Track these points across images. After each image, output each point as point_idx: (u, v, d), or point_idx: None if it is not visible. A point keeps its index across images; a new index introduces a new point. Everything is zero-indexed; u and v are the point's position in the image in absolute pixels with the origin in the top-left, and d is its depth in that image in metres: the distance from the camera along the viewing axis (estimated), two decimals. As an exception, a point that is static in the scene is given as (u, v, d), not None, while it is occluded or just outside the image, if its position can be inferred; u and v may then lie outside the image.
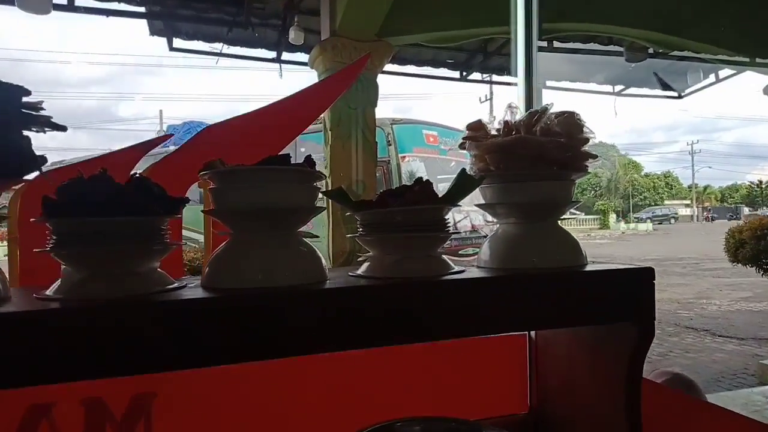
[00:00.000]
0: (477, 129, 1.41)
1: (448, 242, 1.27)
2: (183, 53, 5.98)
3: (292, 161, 1.13)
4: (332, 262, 3.65)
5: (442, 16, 4.09)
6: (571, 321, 1.16)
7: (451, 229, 1.21)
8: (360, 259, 1.28)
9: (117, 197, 1.00)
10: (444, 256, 1.21)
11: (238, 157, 1.28)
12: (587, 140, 1.26)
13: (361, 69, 1.75)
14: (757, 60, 5.16)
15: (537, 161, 1.24)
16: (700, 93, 7.02)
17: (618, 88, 7.65)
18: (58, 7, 3.70)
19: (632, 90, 7.71)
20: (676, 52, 5.28)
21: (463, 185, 1.18)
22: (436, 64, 6.95)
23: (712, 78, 6.94)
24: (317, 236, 1.15)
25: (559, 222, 1.31)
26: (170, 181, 1.42)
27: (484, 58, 6.61)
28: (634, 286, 1.18)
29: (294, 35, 5.00)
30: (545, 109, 1.32)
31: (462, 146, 1.38)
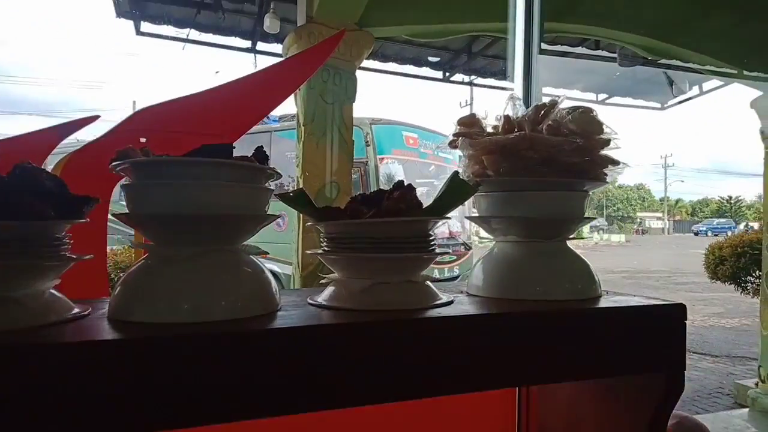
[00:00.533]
0: (470, 124, 1.16)
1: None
2: (151, 38, 5.60)
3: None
4: (300, 269, 3.37)
5: (427, 8, 3.85)
6: (588, 372, 0.92)
7: (436, 248, 0.96)
8: (323, 281, 1.02)
9: (-16, 194, 0.73)
10: (428, 282, 0.96)
11: (178, 148, 1.01)
12: (608, 142, 1.02)
13: (333, 48, 1.50)
14: (745, 72, 5.05)
15: (546, 166, 1.00)
16: (683, 105, 6.92)
17: (601, 96, 7.53)
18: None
19: (615, 99, 7.59)
20: (664, 61, 5.15)
21: (454, 193, 0.93)
22: (418, 63, 6.70)
23: (696, 90, 6.87)
24: (266, 252, 0.88)
25: (567, 242, 1.08)
26: (88, 176, 1.13)
27: (468, 58, 6.39)
28: (663, 327, 0.95)
29: (269, 23, 4.70)
30: (554, 103, 1.08)
31: (453, 144, 1.14)
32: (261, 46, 5.90)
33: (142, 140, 1.30)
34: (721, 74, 5.26)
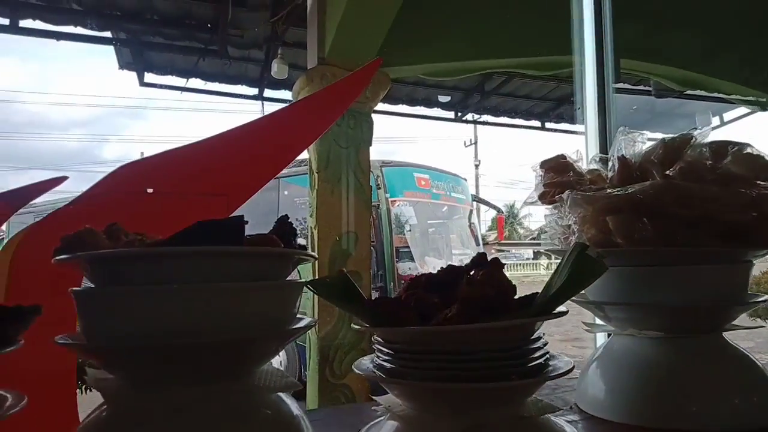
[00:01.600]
0: (562, 169, 0.85)
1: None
2: (155, 88, 5.43)
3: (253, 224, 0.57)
4: (317, 331, 3.02)
5: (443, 47, 3.63)
6: None
7: (550, 362, 0.64)
8: (375, 407, 0.70)
9: None
10: (547, 416, 0.63)
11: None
12: (781, 191, 0.71)
13: (370, 77, 1.23)
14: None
15: (695, 227, 0.69)
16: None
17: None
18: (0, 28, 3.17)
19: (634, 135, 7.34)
20: (689, 92, 4.90)
21: (580, 275, 0.62)
22: (429, 104, 6.51)
23: (717, 121, 6.62)
24: (299, 385, 0.57)
25: (724, 335, 0.75)
26: (48, 259, 0.82)
27: (481, 97, 6.19)
28: None
29: (277, 68, 4.50)
30: (689, 137, 0.78)
31: (547, 198, 0.83)
32: (269, 93, 5.73)
33: (149, 190, 1.01)
34: (750, 102, 5.01)
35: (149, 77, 5.25)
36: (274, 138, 1.06)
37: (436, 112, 6.79)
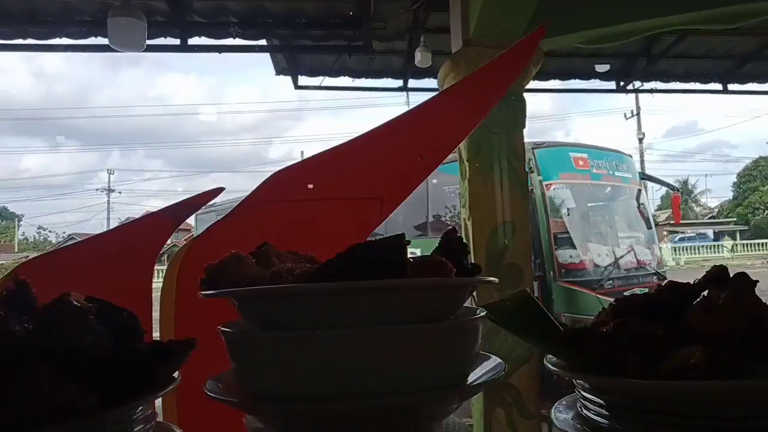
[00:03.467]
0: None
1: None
2: (308, 90, 5.68)
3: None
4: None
5: (604, 6, 3.23)
6: None
7: None
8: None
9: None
10: None
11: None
12: None
13: (533, 50, 1.04)
14: None
15: None
16: None
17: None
18: (173, 48, 3.50)
19: None
20: None
21: None
22: (585, 76, 5.96)
23: None
24: None
25: None
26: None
27: (648, 62, 5.50)
28: None
29: (421, 57, 4.41)
30: None
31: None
32: (413, 83, 5.69)
33: (300, 197, 0.96)
34: None
35: (302, 80, 5.51)
36: (426, 131, 0.94)
37: (594, 84, 6.21)
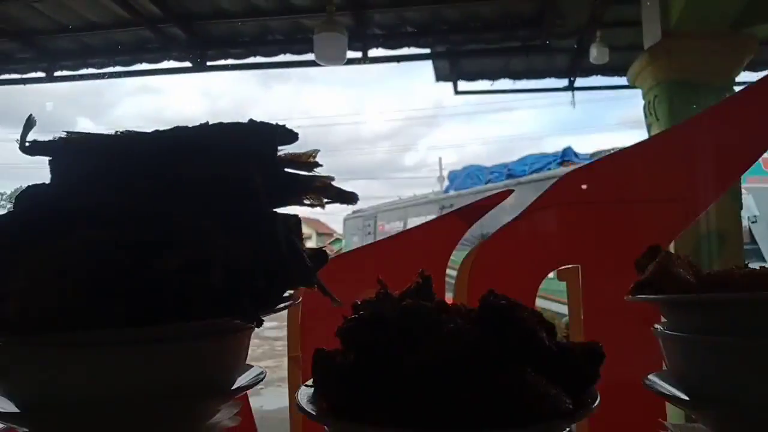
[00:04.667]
0: None
1: None
2: (468, 95, 5.67)
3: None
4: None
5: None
6: None
7: None
8: None
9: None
10: None
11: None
12: None
13: None
14: None
15: None
16: None
17: None
18: (356, 61, 3.68)
19: None
20: None
21: None
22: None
23: None
24: None
25: None
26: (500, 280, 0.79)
27: None
28: None
29: (597, 53, 4.17)
30: None
31: None
32: (579, 82, 5.41)
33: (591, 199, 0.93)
34: None
35: (462, 85, 5.51)
36: (742, 126, 0.85)
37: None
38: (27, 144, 0.59)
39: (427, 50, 4.36)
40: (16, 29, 3.52)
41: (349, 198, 0.61)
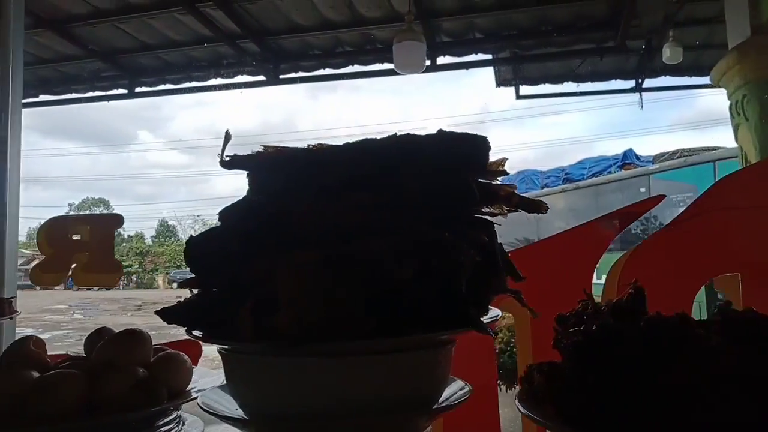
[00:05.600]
0: None
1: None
2: (529, 99, 5.60)
3: None
4: None
5: None
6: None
7: None
8: None
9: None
10: None
11: None
12: None
13: None
14: None
15: None
16: None
17: None
18: (425, 69, 3.70)
19: None
20: None
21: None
22: None
23: None
24: None
25: None
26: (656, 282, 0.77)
27: None
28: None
29: (670, 53, 4.04)
30: None
31: None
32: (648, 83, 5.25)
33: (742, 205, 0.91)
34: None
35: (524, 89, 5.45)
36: None
37: None
38: (226, 158, 0.62)
39: (489, 56, 4.35)
40: (104, 50, 3.73)
41: (536, 206, 0.61)
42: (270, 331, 0.44)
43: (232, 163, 0.63)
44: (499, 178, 0.62)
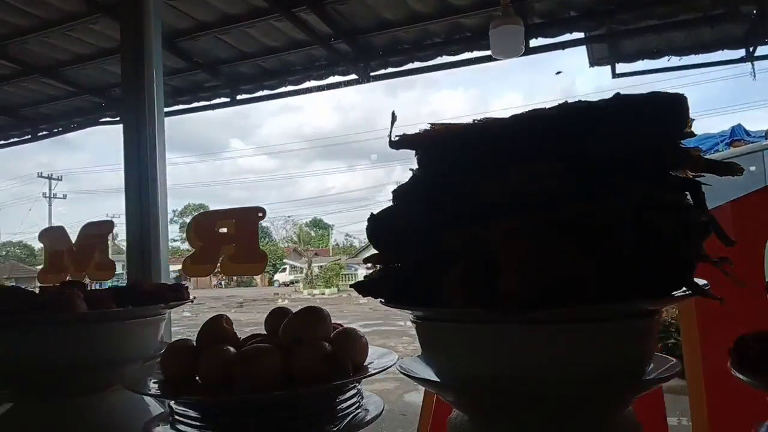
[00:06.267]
0: None
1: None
2: (627, 77, 5.29)
3: None
4: None
5: None
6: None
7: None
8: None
9: None
10: None
11: None
12: None
13: None
14: None
15: None
16: None
17: None
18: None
19: None
20: None
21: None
22: None
23: None
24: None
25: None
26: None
27: None
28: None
29: (790, 14, 3.67)
30: None
31: None
32: (762, 50, 4.79)
33: None
34: None
35: (620, 67, 5.16)
36: None
37: None
38: (396, 138, 0.64)
39: (582, 35, 4.15)
40: (207, 61, 3.96)
41: (728, 169, 0.58)
42: (482, 296, 0.44)
43: (400, 143, 0.65)
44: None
